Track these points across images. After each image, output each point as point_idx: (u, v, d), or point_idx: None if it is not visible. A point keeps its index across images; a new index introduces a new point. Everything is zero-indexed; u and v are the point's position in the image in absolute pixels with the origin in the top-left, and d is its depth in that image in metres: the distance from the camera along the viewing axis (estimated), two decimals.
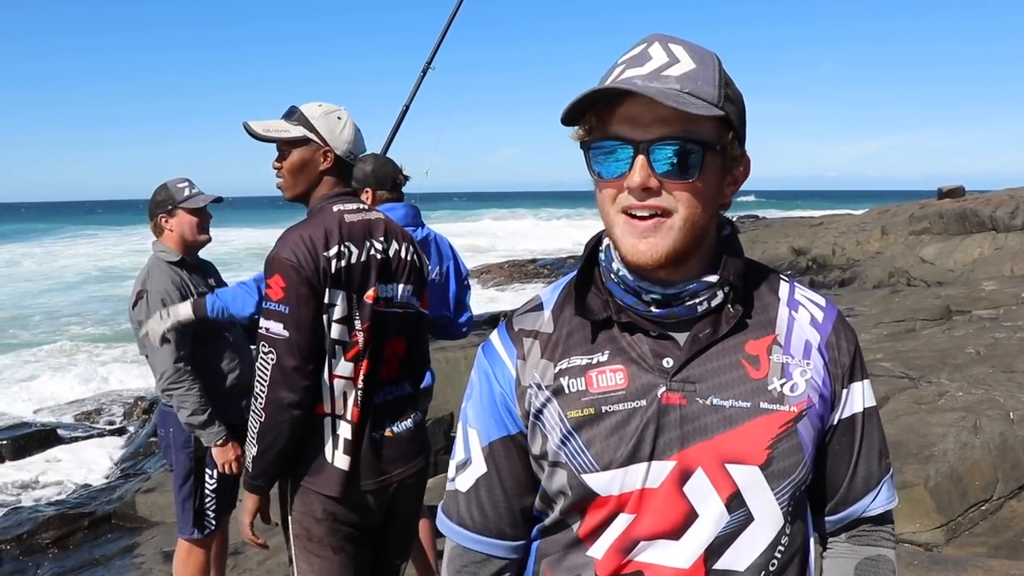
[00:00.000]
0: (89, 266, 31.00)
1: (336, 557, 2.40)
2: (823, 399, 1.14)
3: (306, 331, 2.24)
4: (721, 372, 1.11)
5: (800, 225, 23.91)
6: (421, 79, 4.79)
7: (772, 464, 1.09)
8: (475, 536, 1.23)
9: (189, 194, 3.50)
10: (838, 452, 1.19)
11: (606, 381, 1.12)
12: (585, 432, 1.11)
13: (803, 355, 1.14)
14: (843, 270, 18.04)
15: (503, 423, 1.20)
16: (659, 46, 1.07)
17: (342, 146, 2.42)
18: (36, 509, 6.61)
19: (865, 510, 1.21)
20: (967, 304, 9.57)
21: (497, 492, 1.21)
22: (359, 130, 2.49)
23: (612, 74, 1.08)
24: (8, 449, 8.28)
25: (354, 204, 2.44)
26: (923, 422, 4.75)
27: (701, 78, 1.05)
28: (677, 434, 1.09)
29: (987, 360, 6.23)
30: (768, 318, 1.16)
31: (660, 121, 1.03)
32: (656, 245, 1.06)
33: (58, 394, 11.25)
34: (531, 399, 1.16)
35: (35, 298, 22.92)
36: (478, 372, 1.24)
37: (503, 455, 1.20)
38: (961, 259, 15.95)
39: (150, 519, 6.14)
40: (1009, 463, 4.41)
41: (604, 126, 1.07)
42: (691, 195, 1.06)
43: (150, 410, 9.62)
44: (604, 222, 1.12)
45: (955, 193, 21.33)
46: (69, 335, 16.71)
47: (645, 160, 1.04)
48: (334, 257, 2.27)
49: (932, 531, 4.00)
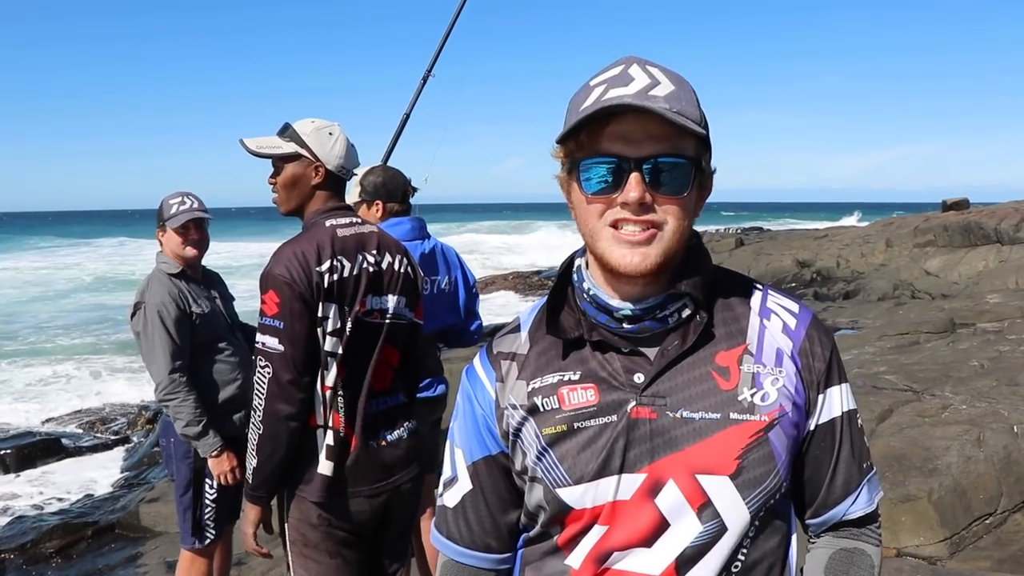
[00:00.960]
0: (82, 275, 31.13)
1: (332, 562, 2.45)
2: (796, 407, 1.16)
3: (300, 345, 2.29)
4: (690, 385, 1.13)
5: (804, 237, 23.92)
6: (422, 87, 4.81)
7: (742, 473, 1.11)
8: (462, 550, 1.30)
9: (176, 211, 3.52)
10: (817, 457, 1.21)
11: (577, 398, 1.16)
12: (558, 448, 1.15)
13: (775, 363, 1.16)
14: (847, 282, 18.03)
15: (485, 443, 1.26)
16: (638, 67, 1.11)
17: (333, 161, 2.47)
18: (40, 518, 6.62)
19: (845, 513, 1.23)
20: (971, 317, 9.57)
21: (482, 508, 1.28)
22: (352, 145, 2.55)
23: (593, 93, 1.10)
24: (12, 459, 8.28)
25: (347, 219, 2.49)
26: (927, 435, 4.74)
27: (685, 99, 1.09)
28: (647, 447, 1.12)
29: (991, 373, 6.22)
30: (739, 328, 1.18)
31: (652, 138, 1.07)
32: (648, 255, 1.09)
33: (61, 404, 11.27)
34: (509, 419, 1.21)
35: (25, 305, 22.99)
36: (462, 395, 1.30)
37: (486, 473, 1.26)
38: (965, 272, 15.93)
39: (154, 529, 6.15)
40: (1013, 476, 4.40)
41: (594, 143, 1.10)
42: (680, 208, 1.10)
43: (154, 420, 9.64)
44: (586, 236, 1.15)
45: (959, 205, 21.35)
46: (66, 344, 16.74)
47: (640, 176, 1.07)
48: (327, 272, 2.33)
49: (936, 544, 3.99)
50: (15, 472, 8.15)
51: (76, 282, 29.38)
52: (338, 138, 2.50)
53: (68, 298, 24.97)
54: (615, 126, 1.08)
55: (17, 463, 8.27)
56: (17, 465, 8.25)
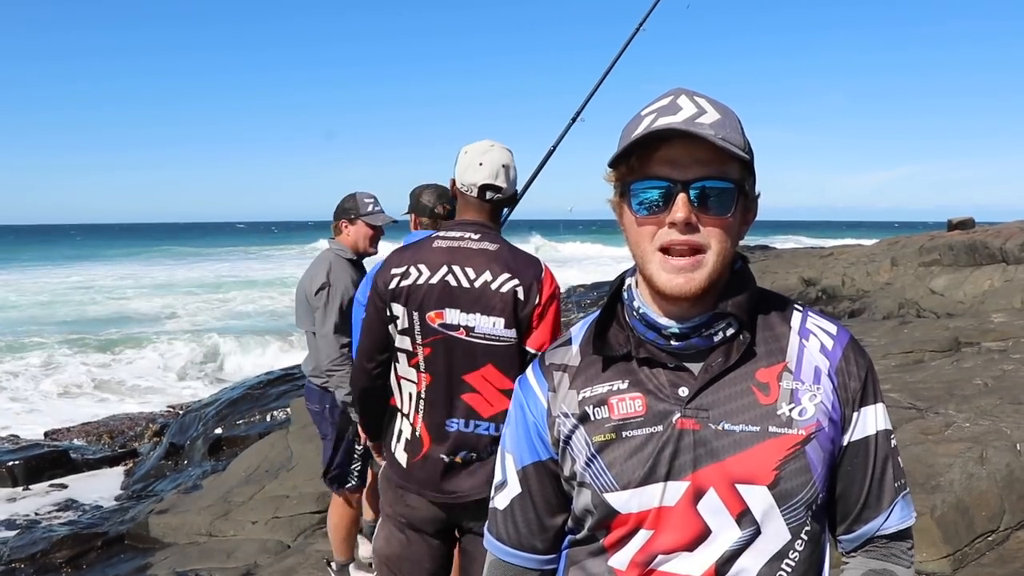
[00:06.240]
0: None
1: (399, 535, 2.64)
2: (833, 422, 1.22)
3: (368, 333, 2.65)
4: (732, 399, 1.19)
5: (810, 255, 23.91)
6: (569, 127, 4.77)
7: (780, 484, 1.17)
8: (510, 550, 1.36)
9: (372, 210, 4.10)
10: (850, 472, 1.26)
11: (626, 408, 1.22)
12: (607, 454, 1.21)
13: (813, 381, 1.22)
14: (852, 301, 18.01)
15: (535, 449, 1.32)
16: (686, 98, 1.18)
17: (460, 178, 2.66)
18: (50, 529, 6.66)
19: (879, 529, 1.28)
20: (976, 336, 9.57)
21: (530, 511, 1.34)
22: (481, 165, 2.62)
23: (644, 122, 1.18)
24: (21, 470, 8.33)
25: (457, 233, 2.61)
26: (930, 452, 4.77)
27: (729, 127, 1.17)
28: (691, 457, 1.18)
29: (995, 392, 6.24)
30: (779, 347, 1.24)
31: (698, 163, 1.15)
32: (692, 279, 1.16)
33: (69, 415, 11.32)
34: (560, 427, 1.27)
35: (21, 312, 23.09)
36: (514, 403, 1.37)
37: (535, 478, 1.33)
38: (971, 291, 15.93)
39: (163, 540, 6.20)
40: (1016, 494, 4.42)
41: (644, 168, 1.17)
42: (723, 231, 1.17)
43: (161, 432, 9.69)
44: (637, 258, 1.22)
45: (965, 225, 21.34)
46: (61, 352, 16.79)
47: (686, 197, 1.14)
48: (399, 276, 2.56)
49: (938, 560, 4.02)
50: (24, 484, 8.21)
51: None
52: (466, 157, 2.66)
53: (44, 306, 25.04)
54: (664, 151, 1.15)
55: (26, 475, 8.32)
56: (26, 477, 8.30)
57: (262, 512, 6.15)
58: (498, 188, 2.63)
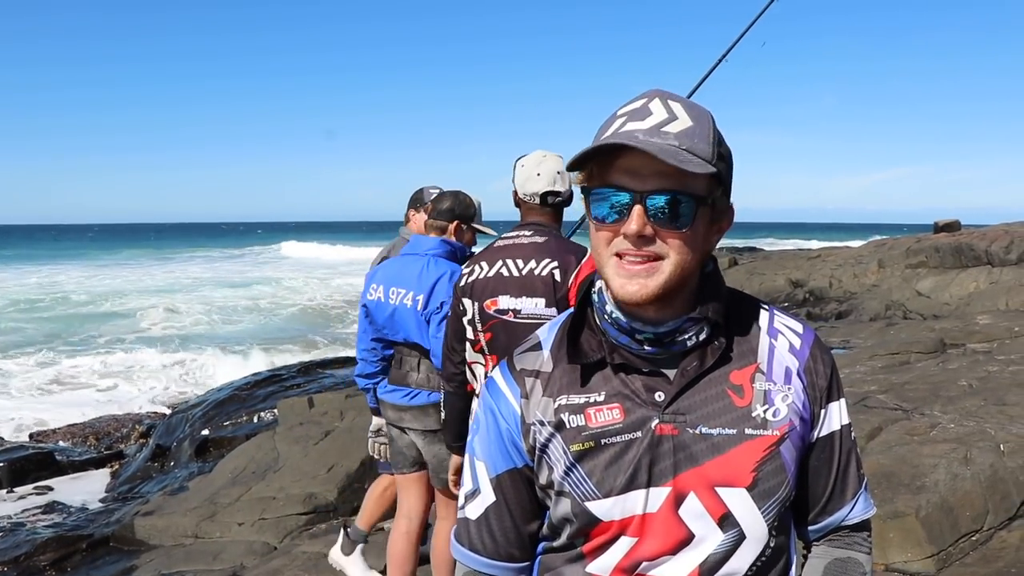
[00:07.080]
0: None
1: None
2: (803, 420, 1.24)
3: (449, 326, 3.01)
4: (708, 403, 1.20)
5: (798, 257, 24.02)
6: (717, 64, 5.33)
7: (758, 485, 1.18)
8: (487, 560, 1.33)
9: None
10: (817, 467, 1.28)
11: (604, 417, 1.21)
12: (586, 463, 1.20)
13: (784, 381, 1.23)
14: (840, 302, 18.11)
15: (509, 456, 1.29)
16: (659, 102, 1.16)
17: (521, 190, 2.94)
18: (34, 531, 6.60)
19: (844, 519, 1.31)
20: (961, 337, 9.63)
21: (506, 519, 1.31)
22: (539, 175, 2.89)
23: (613, 125, 1.16)
24: (5, 472, 8.25)
25: (515, 232, 2.94)
26: (915, 453, 4.80)
27: (698, 136, 1.14)
28: (671, 462, 1.18)
29: (979, 393, 6.28)
30: (750, 347, 1.24)
31: (658, 174, 1.12)
32: (645, 285, 1.14)
33: (55, 417, 11.24)
34: (536, 435, 1.25)
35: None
36: (483, 409, 1.33)
37: (510, 485, 1.30)
38: (956, 293, 16.04)
39: (148, 542, 6.16)
40: (999, 494, 4.45)
41: (604, 174, 1.15)
42: (682, 243, 1.15)
43: (147, 434, 9.63)
44: (596, 262, 1.21)
45: (951, 227, 21.49)
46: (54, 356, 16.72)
47: (642, 209, 1.12)
48: (467, 273, 2.94)
49: (923, 560, 4.04)
50: (8, 486, 8.13)
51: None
52: (523, 167, 2.93)
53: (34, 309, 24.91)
54: (625, 160, 1.13)
55: (10, 477, 8.24)
56: (10, 479, 8.22)
57: (249, 513, 6.13)
58: (557, 193, 2.92)
